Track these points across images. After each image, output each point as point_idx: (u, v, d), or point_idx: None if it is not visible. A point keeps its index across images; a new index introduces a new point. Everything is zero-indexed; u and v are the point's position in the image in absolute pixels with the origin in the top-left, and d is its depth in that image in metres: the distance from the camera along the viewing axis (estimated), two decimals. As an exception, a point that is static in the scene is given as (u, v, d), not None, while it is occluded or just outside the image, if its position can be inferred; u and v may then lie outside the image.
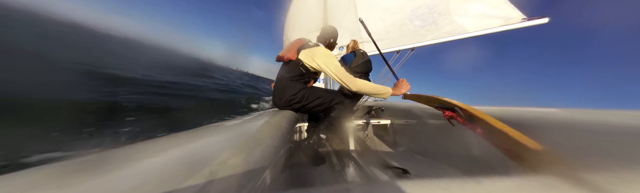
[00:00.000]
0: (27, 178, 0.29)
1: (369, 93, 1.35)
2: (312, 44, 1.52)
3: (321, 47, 1.50)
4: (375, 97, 1.38)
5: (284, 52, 1.55)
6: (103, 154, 0.39)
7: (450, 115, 0.80)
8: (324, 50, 1.45)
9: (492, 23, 2.53)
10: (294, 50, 1.49)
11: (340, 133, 1.88)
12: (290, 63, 1.49)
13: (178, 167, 0.34)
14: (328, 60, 1.39)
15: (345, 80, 1.33)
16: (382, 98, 1.38)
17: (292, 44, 1.56)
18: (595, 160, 0.51)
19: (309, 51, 1.45)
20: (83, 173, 0.31)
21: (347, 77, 1.33)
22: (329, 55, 1.43)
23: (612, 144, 0.52)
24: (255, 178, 0.39)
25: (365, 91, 1.33)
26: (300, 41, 1.56)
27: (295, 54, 1.47)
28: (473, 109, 0.73)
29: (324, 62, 1.38)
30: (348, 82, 1.33)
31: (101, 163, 0.35)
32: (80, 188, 0.26)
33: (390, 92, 1.34)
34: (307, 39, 1.63)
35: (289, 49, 1.52)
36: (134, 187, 0.27)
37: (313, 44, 1.53)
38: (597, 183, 0.37)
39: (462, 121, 0.74)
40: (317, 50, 1.45)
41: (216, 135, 0.62)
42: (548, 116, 0.81)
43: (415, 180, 0.35)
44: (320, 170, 1.34)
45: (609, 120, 0.63)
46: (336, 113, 1.51)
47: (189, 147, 0.47)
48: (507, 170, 0.79)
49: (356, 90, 1.33)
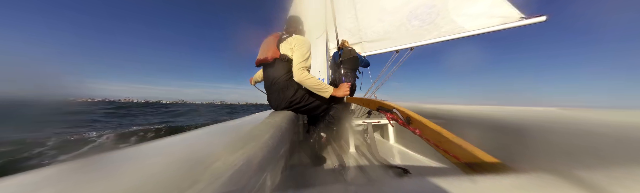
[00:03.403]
0: (27, 179, 0.29)
1: (310, 87, 1.35)
2: (286, 36, 1.49)
3: (296, 35, 1.48)
4: (316, 92, 1.38)
5: (263, 53, 1.49)
6: (103, 154, 0.39)
7: (391, 117, 0.84)
8: (299, 37, 1.45)
9: (491, 22, 2.53)
10: (274, 47, 1.44)
11: (340, 133, 1.88)
12: (276, 61, 1.44)
13: (178, 167, 0.33)
14: (298, 46, 1.38)
15: (296, 68, 1.33)
16: (322, 96, 1.39)
17: (267, 42, 1.52)
18: (594, 159, 0.51)
19: (287, 43, 1.43)
20: (83, 174, 0.31)
21: (298, 66, 1.33)
22: (302, 42, 1.42)
23: (610, 143, 0.53)
24: (255, 178, 0.39)
25: (306, 84, 1.34)
26: (274, 37, 1.52)
27: (277, 50, 1.43)
28: (409, 111, 0.77)
29: (294, 48, 1.38)
30: (296, 70, 1.33)
31: (101, 164, 0.35)
32: (80, 189, 0.26)
33: (330, 92, 1.36)
34: (280, 32, 1.60)
35: (268, 48, 1.48)
36: (133, 187, 0.27)
37: (287, 36, 1.49)
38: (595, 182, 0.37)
39: (401, 122, 0.77)
40: (293, 38, 1.43)
41: (216, 135, 0.62)
42: (547, 116, 0.81)
43: (415, 180, 0.35)
44: (320, 170, 1.34)
45: (608, 120, 0.63)
46: (335, 113, 1.50)
47: (188, 147, 0.47)
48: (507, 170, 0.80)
49: (298, 80, 1.33)
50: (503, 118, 0.84)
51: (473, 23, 2.64)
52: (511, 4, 2.45)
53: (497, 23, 2.49)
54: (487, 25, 2.55)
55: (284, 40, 1.44)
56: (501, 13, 2.48)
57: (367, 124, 2.01)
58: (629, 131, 0.53)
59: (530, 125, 0.76)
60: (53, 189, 0.26)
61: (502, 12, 2.48)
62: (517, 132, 0.77)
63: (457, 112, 1.12)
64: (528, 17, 2.35)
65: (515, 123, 0.81)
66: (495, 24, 2.51)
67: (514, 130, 0.79)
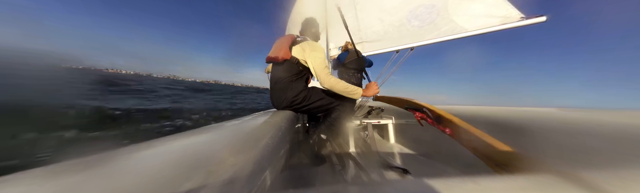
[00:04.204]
0: (27, 179, 0.29)
1: (339, 91, 1.38)
2: (300, 39, 1.50)
3: (310, 41, 1.50)
4: (346, 95, 1.41)
5: (274, 51, 1.50)
6: (103, 154, 0.39)
7: (420, 116, 0.83)
8: (312, 43, 1.46)
9: (491, 22, 2.53)
10: (286, 48, 1.45)
11: (340, 133, 1.88)
12: (285, 62, 1.46)
13: (178, 167, 0.33)
14: (314, 53, 1.40)
15: (322, 75, 1.35)
16: (353, 98, 1.42)
17: (281, 42, 1.52)
18: (594, 160, 0.51)
19: (300, 46, 1.44)
20: (83, 173, 0.31)
21: (324, 73, 1.35)
22: (317, 48, 1.43)
23: (610, 144, 0.53)
24: (255, 178, 0.39)
25: (337, 89, 1.37)
26: (289, 38, 1.53)
27: (289, 52, 1.44)
28: (440, 110, 0.75)
29: (310, 54, 1.39)
30: (323, 77, 1.35)
31: (101, 163, 0.35)
32: (80, 189, 0.26)
33: (360, 93, 1.39)
34: (295, 34, 1.62)
35: (280, 47, 1.48)
36: (133, 187, 0.27)
37: (301, 39, 1.51)
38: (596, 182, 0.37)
39: (431, 122, 0.76)
40: (307, 44, 1.44)
41: (216, 135, 0.62)
42: (547, 116, 0.81)
43: (415, 180, 0.35)
44: (320, 170, 1.34)
45: (608, 120, 0.63)
46: (337, 115, 1.50)
47: (189, 147, 0.47)
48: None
49: (328, 86, 1.36)
50: (504, 119, 0.84)
51: (473, 23, 2.64)
52: (511, 4, 2.45)
53: (497, 23, 2.49)
54: (487, 25, 2.55)
55: (297, 43, 1.47)
56: (501, 13, 2.48)
57: (367, 124, 2.01)
58: (629, 131, 0.53)
59: (530, 126, 0.76)
60: (53, 188, 0.26)
61: (502, 12, 2.48)
62: (518, 132, 0.77)
63: (457, 112, 1.12)
64: (528, 17, 2.34)
65: (515, 123, 0.81)
66: (495, 24, 2.50)
67: (515, 131, 0.79)
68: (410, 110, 0.91)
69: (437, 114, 0.74)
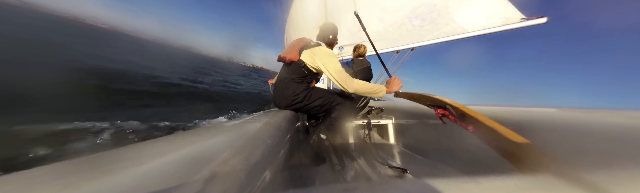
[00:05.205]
0: (26, 178, 0.29)
1: (365, 93, 1.37)
2: (313, 44, 1.50)
3: (322, 47, 1.49)
4: (372, 95, 1.40)
5: (285, 52, 1.53)
6: (103, 154, 0.39)
7: (442, 113, 0.81)
8: (325, 50, 1.45)
9: (491, 23, 2.53)
10: (296, 51, 1.47)
11: (341, 133, 1.88)
12: (292, 64, 1.48)
13: (178, 167, 0.34)
14: (328, 60, 1.39)
15: (342, 81, 1.33)
16: (378, 97, 1.40)
17: (294, 44, 1.55)
18: (593, 160, 0.51)
19: (311, 51, 1.44)
20: (83, 173, 0.31)
21: (344, 79, 1.34)
22: (330, 55, 1.43)
23: (610, 144, 0.53)
24: (255, 178, 0.39)
25: (362, 92, 1.35)
26: (302, 41, 1.54)
27: (297, 54, 1.45)
28: (464, 107, 0.73)
29: (324, 62, 1.38)
30: (345, 83, 1.33)
31: (101, 163, 0.35)
32: (80, 189, 0.26)
33: (384, 90, 1.37)
34: (309, 38, 1.62)
35: (291, 49, 1.50)
36: (133, 187, 0.27)
37: (314, 44, 1.51)
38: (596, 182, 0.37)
39: (453, 119, 0.74)
40: (319, 50, 1.44)
41: (216, 136, 0.62)
42: (547, 116, 0.81)
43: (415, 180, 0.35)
44: (320, 170, 1.34)
45: (608, 120, 0.63)
46: (337, 114, 1.51)
47: (189, 147, 0.47)
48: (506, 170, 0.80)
49: (353, 91, 1.35)
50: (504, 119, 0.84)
51: (474, 24, 2.63)
52: (512, 5, 2.45)
53: (498, 24, 2.49)
54: (487, 26, 2.55)
55: (309, 47, 1.46)
56: (502, 14, 2.48)
57: (367, 124, 2.01)
58: (629, 131, 0.53)
59: (530, 126, 0.76)
60: (53, 188, 0.26)
61: (503, 13, 2.48)
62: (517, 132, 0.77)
63: None
64: (529, 18, 2.35)
65: (515, 123, 0.81)
66: (496, 24, 2.50)
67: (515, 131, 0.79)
68: (432, 107, 0.89)
69: (461, 111, 0.73)
